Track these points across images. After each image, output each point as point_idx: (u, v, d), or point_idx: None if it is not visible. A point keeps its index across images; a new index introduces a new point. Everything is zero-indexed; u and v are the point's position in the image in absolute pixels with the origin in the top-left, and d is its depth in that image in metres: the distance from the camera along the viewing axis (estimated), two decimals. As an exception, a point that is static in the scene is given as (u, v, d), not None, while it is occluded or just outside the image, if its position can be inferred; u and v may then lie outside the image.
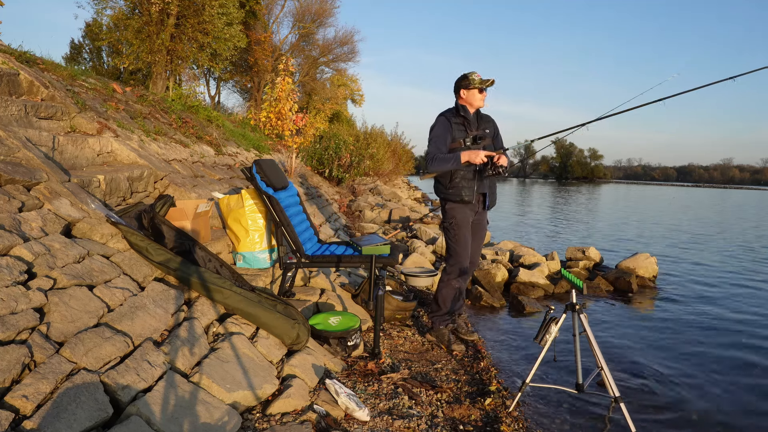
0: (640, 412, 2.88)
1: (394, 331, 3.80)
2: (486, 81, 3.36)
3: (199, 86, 18.30)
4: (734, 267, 7.91)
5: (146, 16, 8.81)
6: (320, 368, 2.70)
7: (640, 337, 4.26)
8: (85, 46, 17.18)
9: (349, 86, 28.50)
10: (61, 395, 1.66)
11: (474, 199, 3.39)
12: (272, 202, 3.50)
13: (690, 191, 58.22)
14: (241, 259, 3.73)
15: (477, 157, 3.22)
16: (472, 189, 3.37)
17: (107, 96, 5.10)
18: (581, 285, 2.56)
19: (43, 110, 3.52)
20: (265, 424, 2.11)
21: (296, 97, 14.12)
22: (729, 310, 5.29)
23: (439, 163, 3.33)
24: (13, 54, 4.13)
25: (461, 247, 3.46)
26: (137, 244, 2.74)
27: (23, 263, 2.09)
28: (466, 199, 3.37)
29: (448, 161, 3.31)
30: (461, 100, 3.45)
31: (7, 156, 2.69)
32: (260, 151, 8.87)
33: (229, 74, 21.64)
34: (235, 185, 5.34)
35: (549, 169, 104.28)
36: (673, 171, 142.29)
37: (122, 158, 3.92)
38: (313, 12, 24.29)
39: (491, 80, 3.36)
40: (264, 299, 2.77)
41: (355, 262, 3.51)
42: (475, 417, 2.61)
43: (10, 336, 1.75)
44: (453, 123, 3.40)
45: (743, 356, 3.90)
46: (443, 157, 3.33)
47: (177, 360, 2.18)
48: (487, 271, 5.62)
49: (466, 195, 3.36)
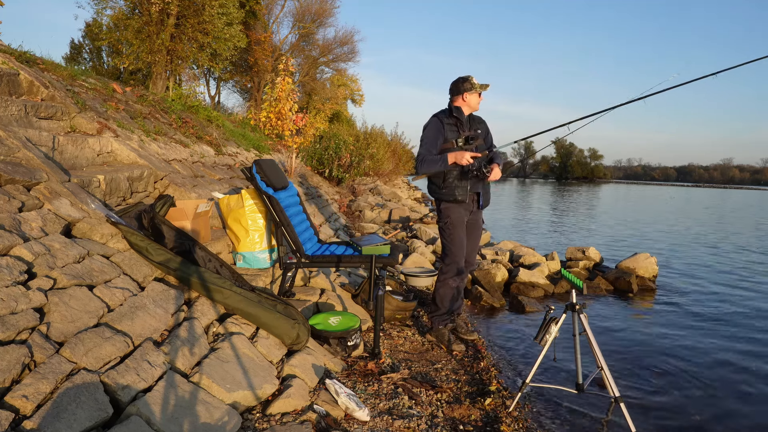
0: (640, 412, 2.88)
1: (394, 331, 3.80)
2: (485, 85, 3.49)
3: (199, 86, 18.32)
4: (734, 267, 7.91)
5: (146, 16, 8.81)
6: (320, 368, 2.70)
7: (640, 337, 4.26)
8: (85, 46, 17.19)
9: (349, 86, 28.50)
10: (61, 395, 1.66)
11: (467, 198, 3.43)
12: (272, 202, 3.50)
13: (690, 191, 58.23)
14: (241, 259, 3.73)
15: (462, 158, 3.29)
16: (465, 189, 3.42)
17: (107, 96, 5.10)
18: (581, 285, 2.56)
19: (43, 110, 3.52)
20: (265, 424, 2.11)
21: (296, 97, 14.12)
22: (729, 310, 5.29)
23: (428, 164, 3.41)
24: (13, 54, 4.14)
25: (456, 247, 3.50)
26: (137, 244, 2.74)
27: (23, 263, 2.09)
28: (460, 198, 3.41)
29: (437, 162, 3.39)
30: (459, 102, 3.51)
31: (7, 156, 2.69)
32: (260, 151, 8.87)
33: (229, 74, 21.65)
34: (235, 185, 5.34)
35: (549, 169, 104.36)
36: (673, 171, 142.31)
37: (122, 158, 3.92)
38: (313, 12, 24.30)
39: (481, 84, 3.49)
40: (264, 299, 2.77)
41: (355, 262, 3.51)
42: (475, 417, 2.61)
43: (10, 336, 1.75)
44: (445, 124, 3.46)
45: (743, 356, 3.90)
46: (432, 158, 3.41)
47: (177, 360, 2.18)
48: (487, 271, 5.62)
49: (459, 195, 3.41)
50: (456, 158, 3.32)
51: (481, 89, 3.46)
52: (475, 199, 3.53)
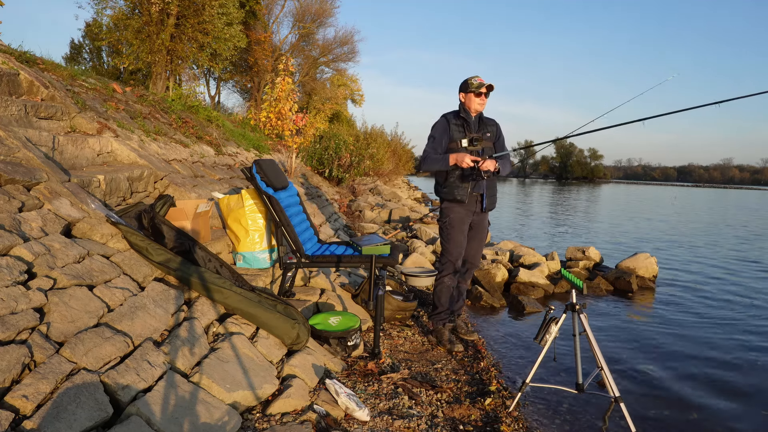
0: (640, 412, 2.88)
1: (394, 331, 3.80)
2: (481, 85, 3.37)
3: (199, 86, 18.31)
4: (734, 267, 7.90)
5: (146, 16, 8.81)
6: (320, 368, 2.70)
7: (640, 337, 4.26)
8: (85, 46, 17.20)
9: (349, 86, 28.48)
10: (61, 395, 1.66)
11: (467, 198, 3.42)
12: (272, 202, 3.50)
13: (690, 191, 58.21)
14: (241, 259, 3.73)
15: (463, 161, 3.30)
16: (465, 189, 3.42)
17: (107, 96, 5.10)
18: (581, 285, 2.56)
19: (43, 110, 3.52)
20: (265, 424, 2.11)
21: (296, 97, 14.12)
22: (729, 309, 5.29)
23: (430, 162, 3.47)
24: (13, 54, 4.13)
25: (452, 246, 3.51)
26: (137, 244, 2.74)
27: (23, 263, 2.09)
28: (458, 198, 3.42)
29: (438, 162, 3.42)
30: (462, 103, 3.50)
31: (7, 156, 2.69)
32: (260, 151, 8.86)
33: (229, 74, 21.63)
34: (235, 185, 5.34)
35: (549, 169, 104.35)
36: (673, 171, 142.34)
37: (122, 158, 3.92)
38: (313, 12, 24.28)
39: (486, 85, 3.36)
40: (264, 299, 2.77)
41: (355, 262, 3.51)
42: (475, 417, 2.61)
43: (10, 336, 1.75)
44: (452, 124, 3.46)
45: (743, 356, 3.89)
46: (434, 157, 3.45)
47: (177, 360, 2.18)
48: (487, 271, 5.62)
49: (459, 194, 3.42)
50: (457, 159, 3.33)
51: (477, 89, 3.37)
52: (478, 201, 3.52)
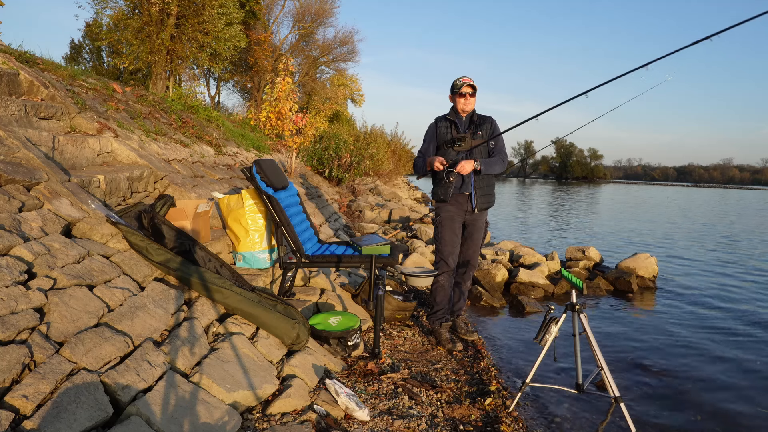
0: (640, 412, 2.88)
1: (394, 331, 3.81)
2: (463, 85, 3.47)
3: (199, 86, 18.32)
4: (734, 266, 7.90)
5: (146, 16, 8.81)
6: (320, 368, 2.70)
7: (640, 337, 4.26)
8: (85, 46, 17.19)
9: (349, 86, 28.49)
10: (61, 395, 1.66)
11: (449, 198, 3.46)
12: (272, 202, 3.50)
13: (690, 191, 58.22)
14: (241, 259, 3.73)
15: (434, 163, 3.42)
16: (447, 189, 3.47)
17: (107, 96, 5.10)
18: (581, 285, 2.56)
19: (43, 110, 3.52)
20: (265, 424, 2.11)
21: (296, 97, 14.11)
22: (729, 309, 5.29)
23: (416, 167, 3.69)
24: (13, 54, 4.13)
25: (443, 244, 3.58)
26: (137, 244, 2.74)
27: (23, 263, 2.09)
28: (442, 197, 3.49)
29: (420, 167, 3.62)
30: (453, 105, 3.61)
31: (7, 156, 2.69)
32: (260, 151, 8.86)
33: (229, 74, 21.64)
34: (235, 185, 5.34)
35: (549, 169, 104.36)
36: (673, 171, 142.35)
37: (122, 158, 3.92)
38: (313, 12, 24.29)
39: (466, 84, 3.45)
40: (264, 299, 2.77)
41: (355, 262, 3.51)
42: (475, 417, 2.61)
43: (10, 336, 1.75)
44: (439, 126, 3.60)
45: (743, 356, 3.89)
46: (419, 161, 3.65)
47: (177, 360, 2.18)
48: (487, 271, 5.62)
49: (441, 194, 3.49)
50: (430, 163, 3.49)
51: (458, 90, 3.46)
52: (468, 200, 3.54)
